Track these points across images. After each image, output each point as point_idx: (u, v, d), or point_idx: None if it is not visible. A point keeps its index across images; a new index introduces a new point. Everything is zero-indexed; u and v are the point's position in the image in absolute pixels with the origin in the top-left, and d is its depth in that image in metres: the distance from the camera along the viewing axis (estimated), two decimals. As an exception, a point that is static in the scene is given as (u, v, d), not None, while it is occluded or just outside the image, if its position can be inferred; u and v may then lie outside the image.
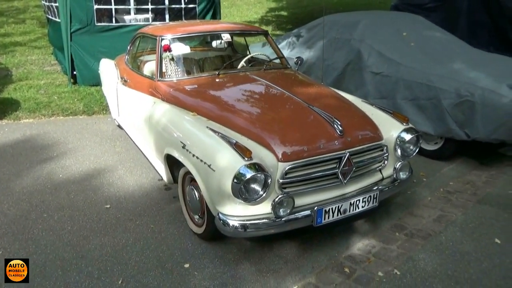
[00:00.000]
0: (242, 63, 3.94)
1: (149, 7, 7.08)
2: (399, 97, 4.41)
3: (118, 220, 3.32)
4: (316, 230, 2.87)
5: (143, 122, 3.66)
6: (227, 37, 4.21)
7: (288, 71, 4.07)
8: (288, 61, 4.24)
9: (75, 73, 6.81)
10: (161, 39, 3.79)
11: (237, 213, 2.57)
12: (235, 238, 2.98)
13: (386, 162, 3.02)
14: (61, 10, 6.51)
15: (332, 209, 2.70)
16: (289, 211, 2.61)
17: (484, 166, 4.30)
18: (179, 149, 2.90)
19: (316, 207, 2.66)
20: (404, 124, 3.09)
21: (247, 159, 2.45)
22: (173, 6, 7.18)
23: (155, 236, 3.11)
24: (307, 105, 3.02)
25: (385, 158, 3.01)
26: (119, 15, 6.92)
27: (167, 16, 7.21)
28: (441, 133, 4.16)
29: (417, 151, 3.13)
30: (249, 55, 4.08)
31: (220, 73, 3.72)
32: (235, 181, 2.42)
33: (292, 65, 4.23)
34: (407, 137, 3.03)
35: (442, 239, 3.05)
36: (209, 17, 7.52)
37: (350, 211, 2.79)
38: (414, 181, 3.83)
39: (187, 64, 4.22)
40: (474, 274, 2.69)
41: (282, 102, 3.21)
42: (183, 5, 7.22)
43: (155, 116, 3.43)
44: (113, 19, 6.84)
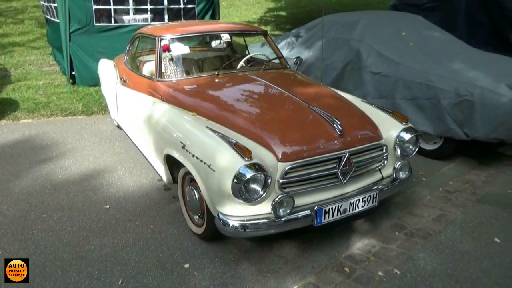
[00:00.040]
0: (241, 63, 3.94)
1: (148, 7, 7.09)
2: (398, 96, 4.41)
3: (117, 220, 3.32)
4: (316, 230, 2.87)
5: (143, 122, 3.66)
6: (226, 37, 4.21)
7: (287, 71, 4.07)
8: (287, 61, 4.24)
9: (74, 73, 6.81)
10: (161, 39, 3.79)
11: (237, 213, 2.57)
12: (235, 238, 2.97)
13: (385, 161, 3.03)
14: (59, 10, 6.50)
15: (332, 208, 2.70)
16: (289, 211, 2.61)
17: (483, 165, 4.31)
18: (179, 149, 2.90)
19: (316, 207, 2.66)
20: (403, 123, 3.10)
21: (247, 159, 2.45)
22: (172, 6, 7.18)
23: (155, 236, 3.11)
24: (306, 105, 3.02)
25: (385, 157, 3.01)
26: (118, 15, 6.92)
27: (166, 16, 7.21)
28: (440, 133, 4.17)
29: (416, 150, 3.13)
30: (248, 55, 4.08)
31: (219, 73, 3.72)
32: (235, 181, 2.42)
33: (291, 65, 4.23)
34: (407, 137, 3.04)
35: (441, 239, 3.06)
36: (208, 17, 7.53)
37: (350, 211, 2.79)
38: (413, 180, 3.83)
39: (186, 64, 4.22)
40: (474, 273, 2.69)
41: (281, 102, 3.21)
42: (182, 5, 7.23)
43: (154, 116, 3.42)
44: (112, 20, 6.84)
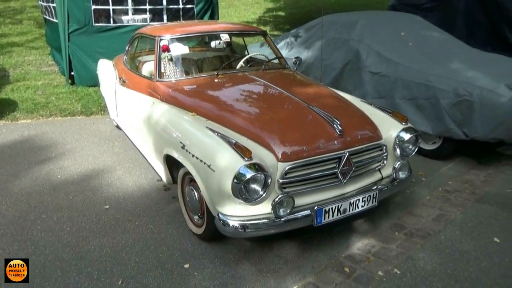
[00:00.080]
0: (240, 63, 3.93)
1: (147, 7, 7.08)
2: (397, 96, 4.42)
3: (117, 220, 3.31)
4: (316, 230, 2.87)
5: (142, 122, 3.66)
6: (225, 38, 4.21)
7: (286, 71, 4.07)
8: (286, 61, 4.24)
9: (72, 73, 6.80)
10: (160, 40, 3.79)
11: (237, 213, 2.57)
12: (235, 238, 2.97)
13: (385, 161, 3.03)
14: (58, 10, 6.49)
15: (332, 208, 2.71)
16: (289, 211, 2.61)
17: (482, 165, 4.32)
18: (179, 149, 2.89)
19: (316, 207, 2.66)
20: (403, 123, 3.10)
21: (247, 159, 2.45)
22: (171, 6, 7.18)
23: (155, 236, 3.11)
24: (306, 105, 3.02)
25: (385, 157, 3.01)
26: (117, 16, 6.91)
27: (165, 16, 7.20)
28: (439, 133, 4.17)
29: (416, 150, 3.14)
30: (247, 55, 4.08)
31: (219, 73, 3.72)
32: (235, 181, 2.42)
33: (290, 65, 4.23)
34: (406, 137, 3.04)
35: (441, 238, 3.06)
36: (207, 18, 7.52)
37: (349, 211, 2.79)
38: (413, 180, 3.84)
39: (185, 64, 4.22)
40: (473, 273, 2.69)
41: (281, 102, 3.21)
42: (181, 6, 7.22)
43: (154, 116, 3.42)
44: (111, 20, 6.83)
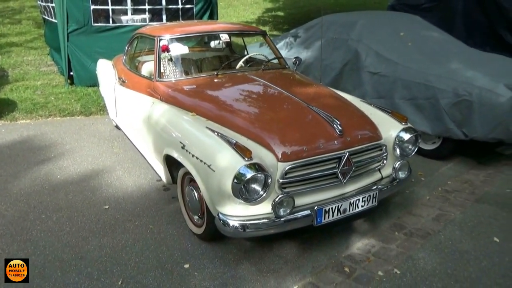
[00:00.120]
0: (240, 63, 3.93)
1: (146, 7, 7.08)
2: (397, 96, 4.42)
3: (117, 220, 3.31)
4: (315, 229, 2.87)
5: (142, 122, 3.65)
6: (225, 38, 4.21)
7: (286, 71, 4.07)
8: (286, 61, 4.24)
9: (72, 73, 6.79)
10: (160, 40, 3.79)
11: (237, 213, 2.57)
12: (235, 238, 2.97)
13: (385, 161, 3.03)
14: (57, 10, 6.49)
15: (332, 208, 2.71)
16: (289, 211, 2.61)
17: (481, 165, 4.32)
18: (179, 149, 2.89)
19: (316, 207, 2.66)
20: (403, 123, 3.10)
21: (247, 159, 2.45)
22: (170, 6, 7.18)
23: (155, 236, 3.10)
24: (306, 105, 3.02)
25: (384, 157, 3.02)
26: (116, 16, 6.91)
27: (164, 16, 7.20)
28: (439, 133, 4.17)
29: (416, 150, 3.14)
30: (247, 55, 4.08)
31: (218, 73, 3.72)
32: (235, 181, 2.42)
33: (290, 65, 4.23)
34: (406, 137, 3.04)
35: (441, 238, 3.06)
36: (206, 18, 7.52)
37: (349, 211, 2.79)
38: (412, 180, 3.84)
39: (185, 64, 4.21)
40: (473, 272, 2.70)
41: (281, 102, 3.21)
42: (180, 6, 7.22)
43: (153, 116, 3.42)
44: (110, 20, 6.83)
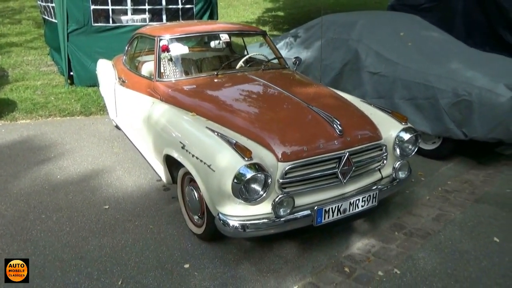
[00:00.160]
0: (240, 63, 3.93)
1: (146, 7, 7.08)
2: (396, 96, 4.42)
3: (117, 220, 3.31)
4: (315, 229, 2.87)
5: (142, 122, 3.65)
6: (225, 37, 4.21)
7: (286, 71, 4.07)
8: (286, 61, 4.24)
9: (72, 73, 6.79)
10: (160, 40, 3.79)
11: (237, 213, 2.57)
12: (235, 238, 2.97)
13: (385, 161, 3.03)
14: (57, 10, 6.49)
15: (332, 208, 2.71)
16: (289, 211, 2.61)
17: (481, 165, 4.32)
18: (179, 149, 2.89)
19: (316, 207, 2.66)
20: (403, 123, 3.10)
21: (247, 159, 2.45)
22: (170, 6, 7.18)
23: (155, 236, 3.10)
24: (306, 105, 3.02)
25: (384, 157, 3.02)
26: (116, 16, 6.91)
27: (164, 16, 7.20)
28: (438, 133, 4.18)
29: (416, 150, 3.14)
30: (247, 55, 4.07)
31: (218, 73, 3.72)
32: (236, 181, 2.42)
33: (290, 65, 4.23)
34: (406, 137, 3.05)
35: (441, 238, 3.06)
36: (206, 18, 7.52)
37: (349, 211, 2.79)
38: (412, 180, 3.84)
39: (185, 64, 4.21)
40: (473, 272, 2.70)
41: (281, 102, 3.21)
42: (180, 6, 7.22)
43: (153, 116, 3.42)
44: (110, 20, 6.83)
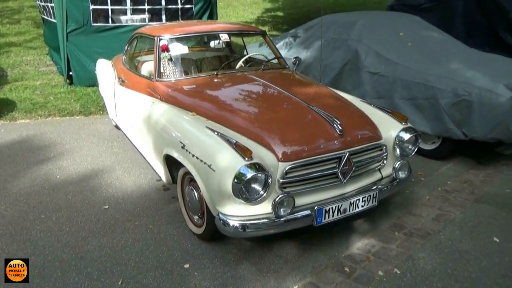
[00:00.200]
0: (240, 63, 3.93)
1: (146, 7, 7.07)
2: (396, 96, 4.42)
3: (116, 220, 3.31)
4: (316, 229, 2.87)
5: (141, 122, 3.65)
6: (225, 37, 4.21)
7: (286, 71, 4.07)
8: (286, 61, 4.24)
9: (71, 73, 6.79)
10: (159, 39, 3.78)
11: (237, 213, 2.57)
12: (235, 238, 2.97)
13: (385, 161, 3.03)
14: (57, 10, 6.48)
15: (332, 208, 2.71)
16: (289, 211, 2.61)
17: (481, 165, 4.33)
18: (179, 149, 2.89)
19: (316, 207, 2.66)
20: (403, 123, 3.10)
21: (247, 159, 2.45)
22: (169, 6, 7.17)
23: (154, 236, 3.10)
24: (306, 104, 3.02)
25: (384, 157, 3.02)
26: (115, 16, 6.90)
27: (163, 16, 7.19)
28: (438, 133, 4.18)
29: (416, 150, 3.14)
30: (247, 55, 4.07)
31: (218, 73, 3.71)
32: (236, 181, 2.42)
33: (290, 65, 4.23)
34: (406, 137, 3.05)
35: (441, 238, 3.06)
36: (205, 18, 7.52)
37: (350, 211, 2.79)
38: (412, 180, 3.84)
39: (185, 64, 4.21)
40: (473, 272, 2.70)
41: (281, 102, 3.21)
42: (179, 6, 7.22)
43: (153, 116, 3.41)
44: (110, 20, 6.82)
